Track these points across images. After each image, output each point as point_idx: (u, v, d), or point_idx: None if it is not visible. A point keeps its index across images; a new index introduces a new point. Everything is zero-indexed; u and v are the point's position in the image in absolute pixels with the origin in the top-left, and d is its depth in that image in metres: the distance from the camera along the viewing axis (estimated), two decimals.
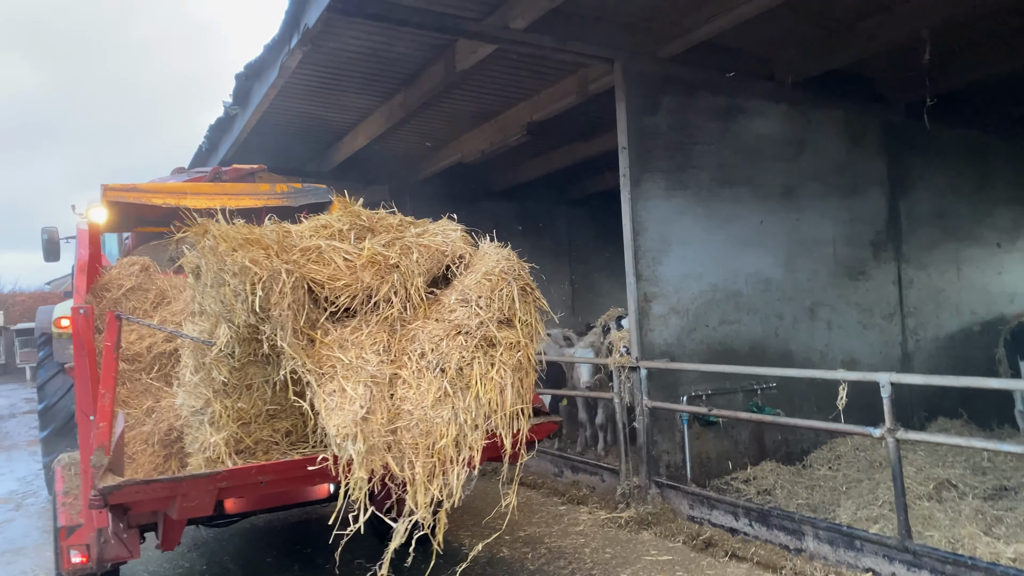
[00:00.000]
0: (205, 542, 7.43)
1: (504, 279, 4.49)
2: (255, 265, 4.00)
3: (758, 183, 8.21)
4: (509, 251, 4.82)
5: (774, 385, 7.99)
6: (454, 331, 4.33)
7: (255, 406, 4.36)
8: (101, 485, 3.67)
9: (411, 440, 4.05)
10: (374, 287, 4.44)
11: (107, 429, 4.23)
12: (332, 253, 4.45)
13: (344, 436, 3.89)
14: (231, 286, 4.01)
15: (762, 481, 7.71)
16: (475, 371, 4.21)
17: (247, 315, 4.00)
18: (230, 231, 4.26)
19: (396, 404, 4.15)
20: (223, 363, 4.26)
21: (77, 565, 4.74)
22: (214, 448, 4.29)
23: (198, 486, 3.98)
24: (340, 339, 4.27)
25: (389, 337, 4.37)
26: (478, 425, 4.11)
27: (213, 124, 11.42)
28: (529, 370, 4.43)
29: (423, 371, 4.24)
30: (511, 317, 4.45)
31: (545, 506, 8.01)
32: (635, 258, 7.42)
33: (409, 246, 4.70)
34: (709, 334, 7.82)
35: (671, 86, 7.72)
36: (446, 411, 4.09)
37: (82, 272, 6.22)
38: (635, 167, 7.44)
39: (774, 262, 8.27)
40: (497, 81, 9.26)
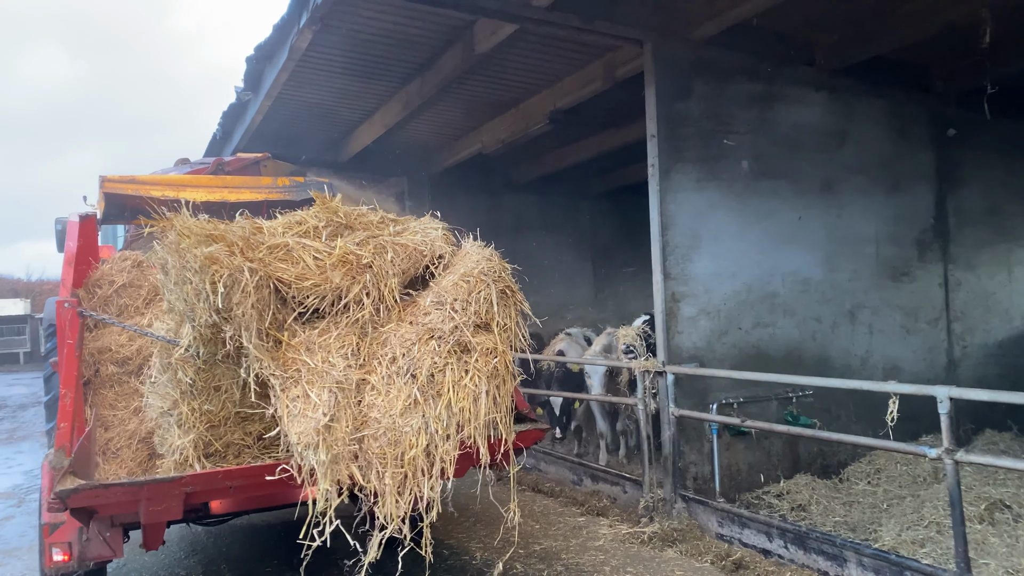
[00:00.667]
0: (204, 546, 7.06)
1: (483, 281, 4.31)
2: (215, 262, 3.80)
3: (796, 176, 7.66)
4: (491, 251, 4.63)
5: (811, 393, 7.45)
6: (427, 335, 4.16)
7: (224, 408, 4.22)
8: (59, 488, 3.57)
9: (378, 449, 3.91)
10: (344, 288, 4.27)
11: (67, 430, 4.17)
12: (301, 251, 4.24)
13: (306, 445, 3.75)
14: (193, 284, 3.81)
15: (796, 496, 7.18)
16: (447, 378, 4.04)
17: (208, 314, 3.80)
18: (193, 226, 4.04)
19: (363, 411, 4.01)
20: (189, 363, 4.10)
21: (59, 563, 4.63)
22: (182, 451, 4.17)
23: (162, 490, 3.86)
24: (307, 341, 4.08)
25: (359, 340, 4.20)
26: (450, 435, 3.96)
27: (226, 110, 11.07)
28: (507, 377, 4.24)
29: (393, 377, 4.07)
30: (488, 321, 4.26)
31: (563, 517, 7.54)
32: (663, 255, 6.91)
33: (384, 245, 4.49)
34: (742, 337, 7.29)
35: (704, 70, 7.19)
36: (416, 420, 3.93)
37: (69, 265, 6.01)
38: (664, 156, 6.92)
39: (812, 261, 7.72)
40: (518, 66, 8.77)
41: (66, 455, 3.98)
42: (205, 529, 7.55)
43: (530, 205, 13.95)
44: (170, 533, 7.50)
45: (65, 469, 3.74)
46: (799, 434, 6.30)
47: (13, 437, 14.93)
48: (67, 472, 3.72)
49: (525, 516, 7.63)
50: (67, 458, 3.92)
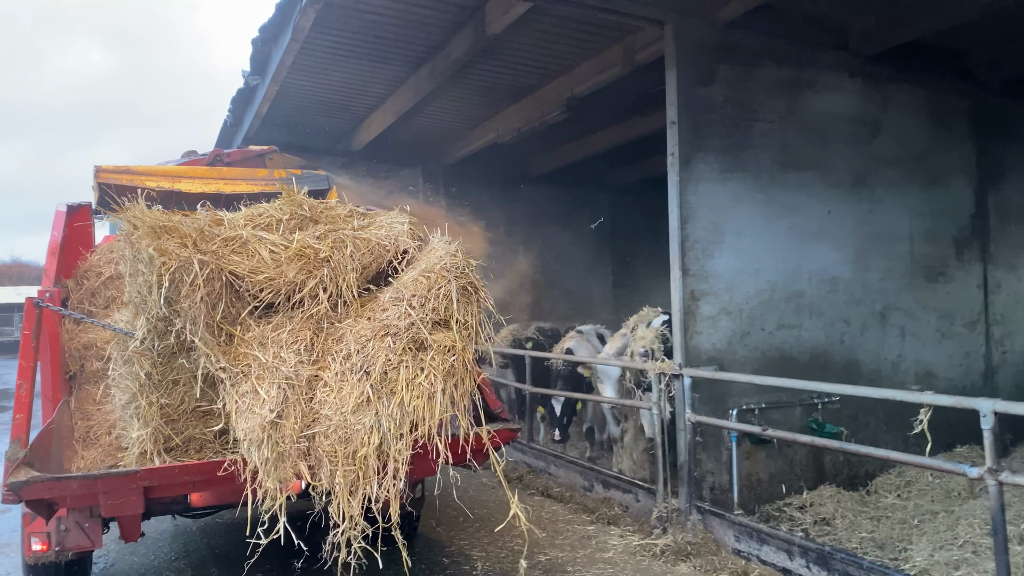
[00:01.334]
0: (197, 547, 6.77)
1: (444, 277, 4.26)
2: (164, 254, 3.77)
3: (826, 168, 7.19)
4: (457, 246, 4.57)
5: (837, 399, 6.99)
6: (382, 331, 4.13)
7: (183, 402, 4.16)
8: (11, 480, 3.55)
9: (329, 447, 3.87)
10: (299, 282, 4.22)
11: (23, 421, 4.07)
12: (257, 244, 4.21)
13: (251, 442, 3.74)
14: (143, 275, 3.78)
15: (820, 509, 6.73)
16: (401, 376, 3.98)
17: (159, 307, 3.76)
18: (147, 216, 3.99)
19: (315, 408, 3.99)
20: (145, 356, 4.02)
21: (37, 552, 4.61)
22: (140, 444, 4.15)
23: (118, 484, 3.83)
24: (261, 336, 4.06)
25: (314, 336, 4.19)
26: (403, 434, 3.92)
27: (235, 96, 10.78)
28: (465, 376, 4.17)
29: (346, 374, 4.04)
30: (448, 318, 4.21)
31: (572, 525, 7.16)
32: (682, 249, 6.48)
33: (344, 239, 4.47)
34: (765, 339, 6.84)
35: (729, 54, 6.74)
36: (368, 418, 3.88)
37: (52, 255, 5.92)
38: (685, 145, 6.49)
39: (842, 259, 7.24)
40: (533, 50, 8.36)
41: (21, 446, 3.88)
42: (199, 529, 7.31)
43: (547, 197, 13.54)
44: (163, 531, 7.30)
45: (19, 461, 3.67)
46: (825, 446, 5.81)
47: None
48: (21, 464, 3.65)
49: (532, 522, 7.16)
50: (22, 449, 3.83)
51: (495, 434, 4.72)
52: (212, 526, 7.48)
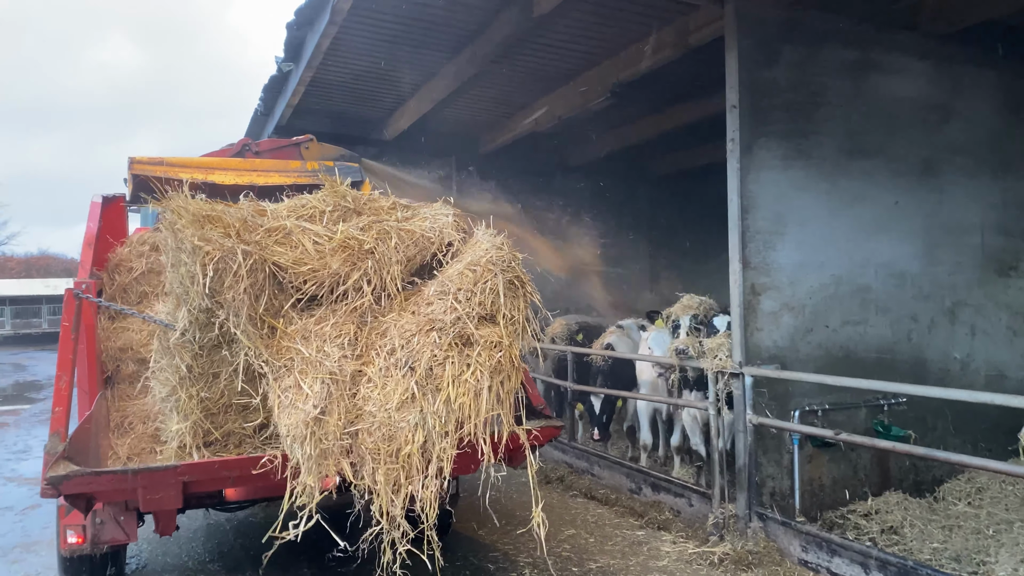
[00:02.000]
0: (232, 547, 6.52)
1: (490, 270, 4.14)
2: (207, 244, 3.62)
3: (893, 155, 6.77)
4: (503, 239, 4.47)
5: (904, 400, 6.60)
6: (428, 326, 4.03)
7: (223, 396, 4.04)
8: (50, 474, 3.51)
9: (372, 445, 3.77)
10: (343, 274, 4.09)
11: (63, 414, 4.00)
12: (301, 235, 4.07)
13: (294, 438, 3.63)
14: (186, 266, 3.63)
15: (886, 516, 6.34)
16: (447, 372, 3.87)
17: (201, 298, 3.61)
18: (190, 206, 3.85)
19: (358, 404, 3.88)
20: (186, 348, 3.87)
21: (73, 545, 4.61)
22: (180, 437, 4.07)
23: (157, 479, 3.76)
24: (304, 330, 3.93)
25: (357, 330, 4.09)
26: (448, 432, 3.81)
27: (267, 83, 10.57)
28: (512, 373, 4.08)
29: (391, 369, 3.93)
30: (494, 313, 4.10)
31: (620, 529, 6.85)
32: (742, 241, 6.11)
33: (388, 231, 4.35)
34: (828, 337, 6.46)
35: (793, 34, 6.34)
36: (412, 415, 3.79)
37: (88, 246, 5.88)
38: (747, 130, 6.11)
39: (909, 252, 6.83)
40: (579, 33, 8.01)
41: (61, 440, 3.81)
42: (233, 528, 7.09)
43: (584, 188, 13.16)
44: (196, 530, 7.08)
45: (59, 455, 3.61)
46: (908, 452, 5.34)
47: None
48: (61, 458, 3.60)
49: (578, 527, 6.96)
50: (62, 443, 3.75)
51: (539, 432, 4.61)
52: (246, 524, 7.26)
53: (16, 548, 6.89)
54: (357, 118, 11.69)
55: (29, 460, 10.61)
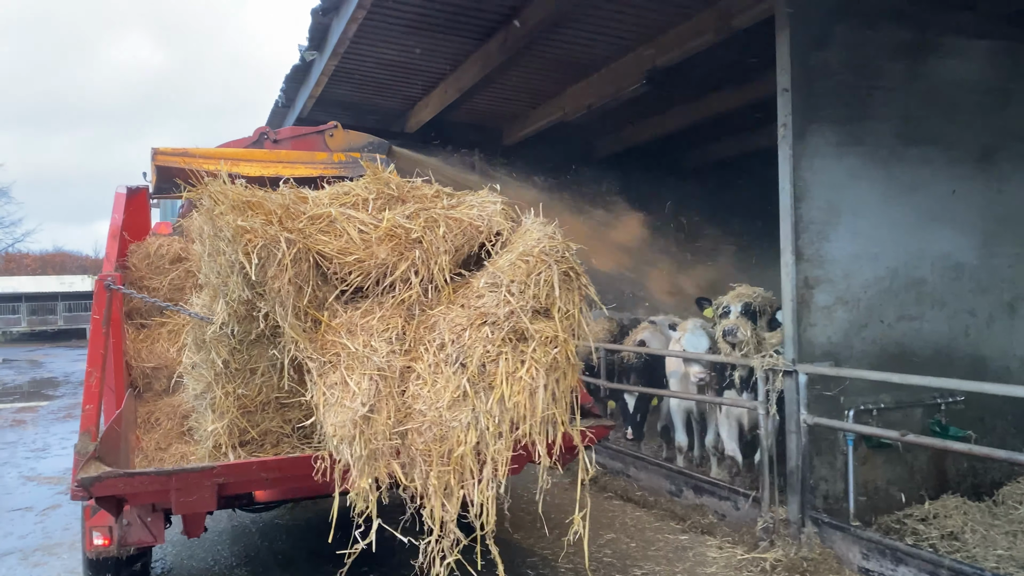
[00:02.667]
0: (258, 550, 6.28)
1: (543, 261, 3.91)
2: (250, 232, 3.41)
3: (950, 142, 6.44)
4: (554, 228, 4.24)
5: (962, 399, 6.28)
6: (479, 320, 3.83)
7: (260, 393, 3.88)
8: (82, 475, 3.38)
9: (423, 446, 3.61)
10: (391, 264, 3.89)
11: (94, 412, 3.88)
12: (346, 223, 3.84)
13: (341, 438, 3.44)
14: (225, 255, 3.42)
15: (945, 521, 6.02)
16: (501, 369, 3.66)
17: (242, 289, 3.42)
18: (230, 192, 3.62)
19: (407, 402, 3.72)
20: (223, 343, 3.69)
21: (99, 547, 4.51)
22: (215, 437, 3.91)
23: (192, 480, 3.62)
24: (349, 323, 3.72)
25: (405, 323, 3.91)
26: (502, 432, 3.64)
27: (289, 74, 10.32)
28: (568, 370, 3.89)
29: (441, 365, 3.76)
30: (549, 307, 3.88)
31: (661, 533, 6.57)
32: (795, 232, 5.81)
33: (436, 219, 4.13)
34: (884, 332, 6.14)
35: (846, 13, 6.03)
36: (465, 414, 3.62)
37: (113, 238, 5.72)
38: (799, 115, 5.80)
39: (967, 243, 6.50)
40: (616, 16, 7.70)
41: (91, 439, 3.66)
42: (259, 531, 6.86)
43: (612, 181, 12.81)
44: (221, 532, 6.85)
45: (90, 455, 3.49)
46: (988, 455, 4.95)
47: (73, 415, 14.61)
48: (91, 458, 3.47)
49: (617, 531, 6.68)
50: (92, 443, 3.61)
51: (591, 432, 4.41)
52: (272, 526, 7.04)
53: (37, 551, 6.70)
54: (378, 110, 11.43)
55: (48, 458, 10.44)
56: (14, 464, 10.09)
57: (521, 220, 4.38)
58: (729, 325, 5.93)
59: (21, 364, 26.12)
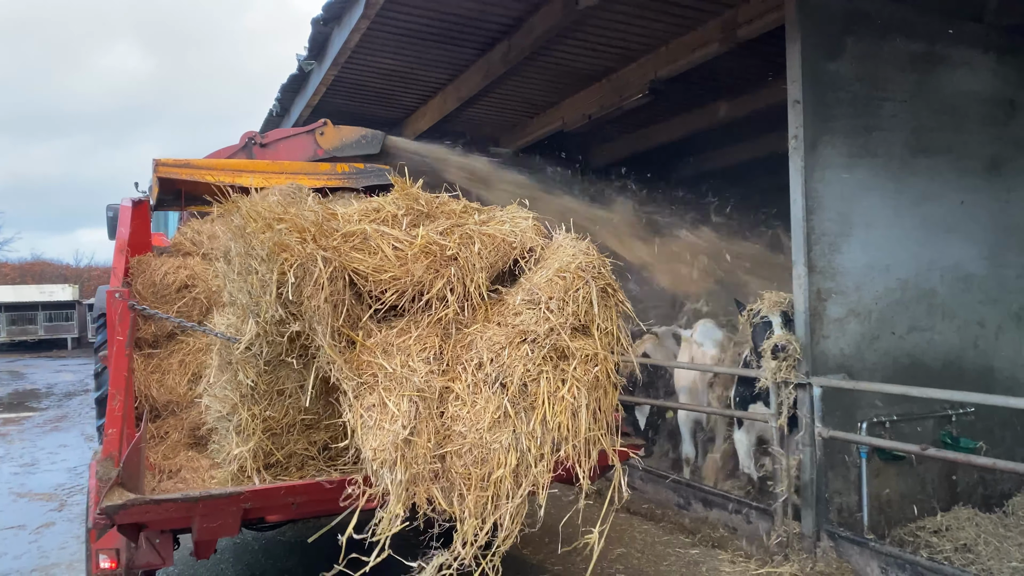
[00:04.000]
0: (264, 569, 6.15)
1: (581, 277, 3.89)
2: (286, 250, 3.37)
3: (960, 153, 6.45)
4: (588, 244, 4.19)
5: (972, 410, 6.27)
6: (518, 338, 3.77)
7: (288, 415, 3.79)
8: (106, 503, 3.27)
9: (462, 468, 3.52)
10: (427, 282, 3.81)
11: (116, 436, 3.77)
12: (380, 240, 3.76)
13: (382, 462, 3.36)
14: (259, 274, 3.34)
15: (958, 533, 6.01)
16: (542, 388, 3.62)
17: (275, 309, 3.36)
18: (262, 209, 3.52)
19: (446, 424, 3.64)
20: (250, 364, 3.59)
21: (105, 571, 4.33)
22: (239, 460, 3.81)
23: (218, 506, 3.55)
24: (385, 342, 3.64)
25: (442, 342, 3.82)
26: (544, 454, 3.56)
27: (285, 83, 10.20)
28: (608, 388, 3.85)
29: (480, 385, 3.69)
30: (588, 324, 3.85)
31: (671, 547, 6.49)
32: (807, 243, 5.78)
33: (470, 235, 4.06)
34: (895, 344, 6.13)
35: (857, 24, 6.03)
36: (506, 435, 3.55)
37: (120, 252, 5.59)
38: (811, 127, 5.79)
39: (976, 254, 6.51)
40: (620, 27, 7.67)
41: (114, 464, 3.59)
42: (262, 548, 6.73)
43: (606, 191, 12.77)
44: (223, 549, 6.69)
45: (113, 481, 3.36)
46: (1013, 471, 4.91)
47: (59, 427, 14.34)
48: (115, 484, 3.35)
49: (627, 545, 6.60)
50: (115, 468, 3.50)
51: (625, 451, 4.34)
52: (275, 543, 6.90)
53: (34, 572, 6.50)
54: (375, 119, 11.29)
55: (38, 473, 10.20)
56: (3, 480, 9.84)
57: (552, 235, 4.34)
58: (781, 341, 5.77)
59: (2, 375, 25.63)
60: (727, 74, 8.52)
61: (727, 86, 9.08)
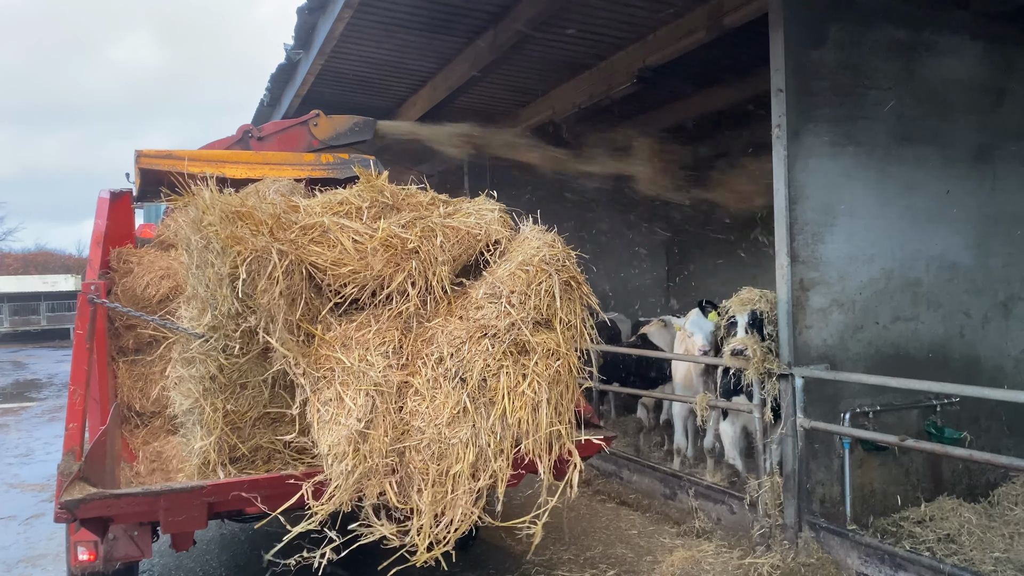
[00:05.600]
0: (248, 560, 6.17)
1: (544, 270, 3.86)
2: (239, 243, 3.31)
3: (945, 141, 6.40)
4: (554, 236, 4.20)
5: (957, 400, 6.25)
6: (479, 333, 3.75)
7: (251, 408, 3.76)
8: (66, 498, 3.26)
9: (421, 463, 3.51)
10: (387, 275, 3.79)
11: (77, 431, 3.77)
12: (339, 233, 3.75)
13: (335, 456, 3.35)
14: (214, 267, 3.31)
15: (942, 523, 5.99)
16: (502, 383, 3.60)
17: (231, 302, 3.31)
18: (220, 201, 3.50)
19: (405, 419, 3.61)
20: (211, 357, 3.57)
21: (84, 563, 4.41)
22: (203, 454, 3.80)
23: (181, 500, 3.53)
24: (344, 336, 3.63)
25: (402, 336, 3.81)
26: (503, 450, 3.55)
27: (274, 73, 10.16)
28: (571, 383, 3.85)
29: (439, 380, 3.67)
30: (550, 317, 3.83)
31: (656, 537, 6.50)
32: (789, 233, 5.75)
33: (433, 228, 4.04)
34: (879, 334, 6.10)
35: (841, 12, 5.97)
36: (464, 431, 3.53)
37: (97, 245, 5.56)
38: (794, 115, 5.74)
39: (961, 243, 6.47)
40: (607, 14, 7.60)
41: (76, 459, 3.59)
42: (248, 539, 6.75)
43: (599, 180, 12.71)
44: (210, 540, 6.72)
45: (74, 475, 3.37)
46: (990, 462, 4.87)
47: (57, 417, 14.40)
48: (76, 479, 3.35)
49: (611, 534, 6.62)
50: (76, 463, 3.52)
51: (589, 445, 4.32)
52: (261, 534, 6.86)
53: (21, 562, 6.55)
54: (366, 108, 11.20)
55: (32, 464, 10.26)
56: None
57: (519, 227, 4.30)
58: (738, 345, 5.81)
59: (4, 365, 25.76)
60: (714, 63, 8.45)
61: (715, 75, 9.01)
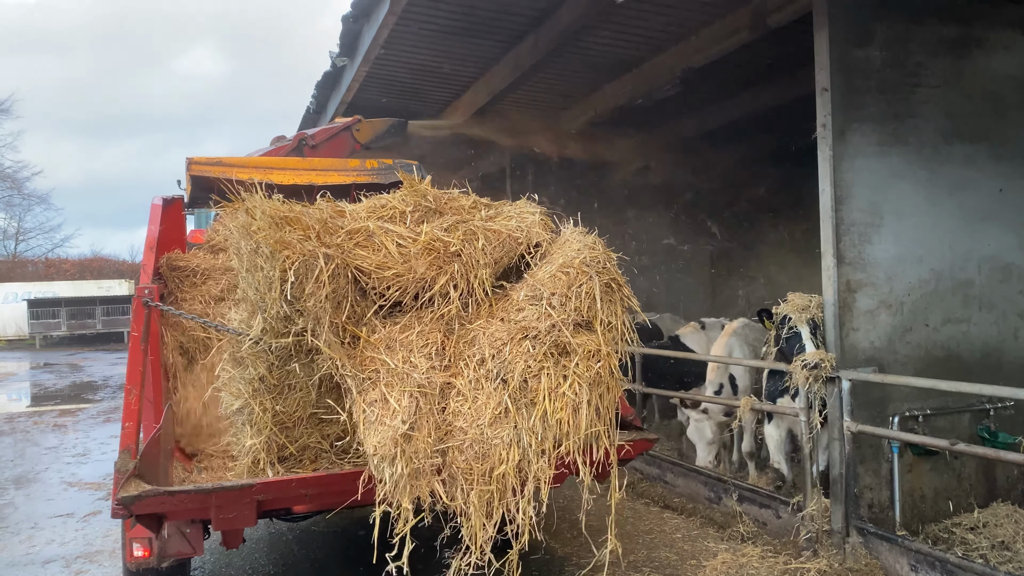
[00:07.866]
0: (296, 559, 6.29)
1: (584, 272, 3.87)
2: (287, 247, 3.38)
3: (998, 139, 6.25)
4: (595, 239, 4.19)
5: (1011, 404, 6.08)
6: (520, 334, 3.78)
7: (299, 408, 3.85)
8: (122, 494, 3.37)
9: (464, 463, 3.56)
10: (429, 278, 3.84)
11: (133, 430, 3.90)
12: (383, 237, 3.80)
13: (382, 456, 3.40)
14: (263, 271, 3.38)
15: (996, 530, 5.86)
16: (543, 384, 3.61)
17: (280, 305, 3.40)
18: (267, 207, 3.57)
19: (447, 420, 3.67)
20: (260, 358, 3.65)
21: (139, 559, 4.52)
22: (252, 453, 3.88)
23: (232, 498, 3.61)
24: (388, 338, 3.69)
25: (444, 338, 3.86)
26: (545, 450, 3.58)
27: (319, 80, 10.36)
28: (611, 384, 3.84)
29: (481, 381, 3.71)
30: (591, 319, 3.83)
31: (700, 541, 6.45)
32: (836, 234, 5.67)
33: (474, 231, 4.07)
34: (928, 336, 5.98)
35: (887, 10, 5.88)
36: (506, 431, 3.56)
37: (150, 250, 5.70)
38: (839, 114, 5.67)
39: (1015, 244, 6.31)
40: (649, 16, 7.60)
41: (131, 457, 3.71)
42: (296, 539, 6.88)
43: (639, 183, 12.66)
44: (258, 539, 6.87)
45: (130, 473, 3.47)
46: None
47: (112, 418, 14.81)
48: (132, 476, 3.45)
49: (655, 538, 6.59)
50: (132, 460, 3.64)
51: (631, 446, 4.38)
52: (309, 533, 7.05)
53: (79, 558, 6.75)
54: (408, 114, 11.42)
55: (89, 463, 10.58)
56: (56, 469, 10.23)
57: (560, 230, 4.33)
58: (813, 359, 5.63)
59: (62, 368, 26.56)
60: (758, 63, 8.37)
61: (759, 75, 8.92)
